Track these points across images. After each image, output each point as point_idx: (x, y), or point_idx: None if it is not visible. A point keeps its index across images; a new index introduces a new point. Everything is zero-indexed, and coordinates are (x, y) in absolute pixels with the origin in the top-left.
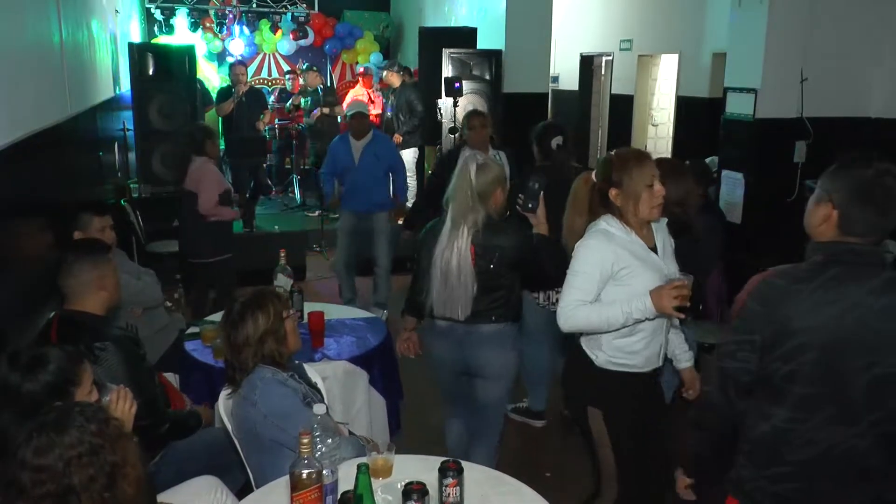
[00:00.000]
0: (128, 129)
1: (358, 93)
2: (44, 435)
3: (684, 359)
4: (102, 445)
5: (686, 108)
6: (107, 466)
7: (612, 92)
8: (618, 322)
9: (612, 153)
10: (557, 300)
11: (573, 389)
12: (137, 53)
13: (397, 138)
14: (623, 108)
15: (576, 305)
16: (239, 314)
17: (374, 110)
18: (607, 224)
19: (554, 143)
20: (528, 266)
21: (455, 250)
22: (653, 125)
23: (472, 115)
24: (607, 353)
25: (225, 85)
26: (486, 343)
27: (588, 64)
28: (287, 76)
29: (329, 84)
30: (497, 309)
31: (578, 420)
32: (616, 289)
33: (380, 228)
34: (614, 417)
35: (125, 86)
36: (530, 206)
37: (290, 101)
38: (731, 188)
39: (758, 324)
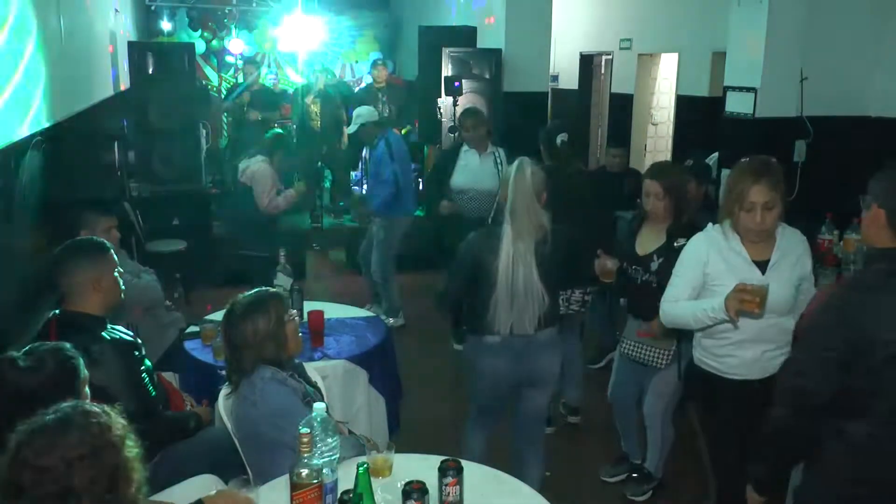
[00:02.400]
0: (127, 128)
1: None
2: (46, 435)
3: None
4: (104, 447)
5: (686, 106)
6: (108, 468)
7: (612, 91)
8: (703, 317)
9: (744, 160)
10: (573, 301)
11: (685, 385)
12: (137, 52)
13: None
14: (623, 107)
15: (673, 300)
16: (239, 316)
17: None
18: (712, 227)
19: (559, 139)
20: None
21: (522, 266)
22: (653, 124)
23: (464, 115)
24: (699, 353)
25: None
26: (543, 350)
27: (588, 63)
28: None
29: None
30: (549, 315)
31: (687, 412)
32: (707, 294)
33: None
34: (706, 417)
35: (125, 84)
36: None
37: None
38: None
39: (835, 339)
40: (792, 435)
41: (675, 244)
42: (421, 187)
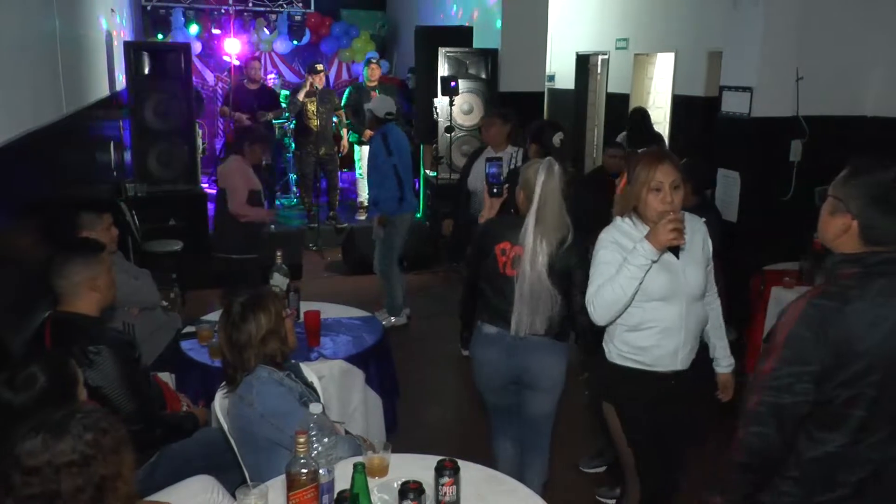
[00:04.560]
0: (123, 129)
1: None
2: (40, 437)
3: (723, 363)
4: (95, 457)
5: (682, 106)
6: (96, 478)
7: (609, 91)
8: (632, 275)
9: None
10: None
11: (592, 382)
12: (133, 52)
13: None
14: (619, 107)
15: (598, 289)
16: (240, 315)
17: None
18: (622, 220)
19: (556, 139)
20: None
21: (538, 265)
22: None
23: (484, 118)
24: (617, 347)
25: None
26: (537, 350)
27: (584, 63)
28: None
29: (326, 84)
30: (560, 318)
31: (598, 414)
32: None
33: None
34: (626, 413)
35: (121, 84)
36: (495, 191)
37: (289, 98)
38: (727, 187)
39: (813, 352)
40: (770, 451)
41: None
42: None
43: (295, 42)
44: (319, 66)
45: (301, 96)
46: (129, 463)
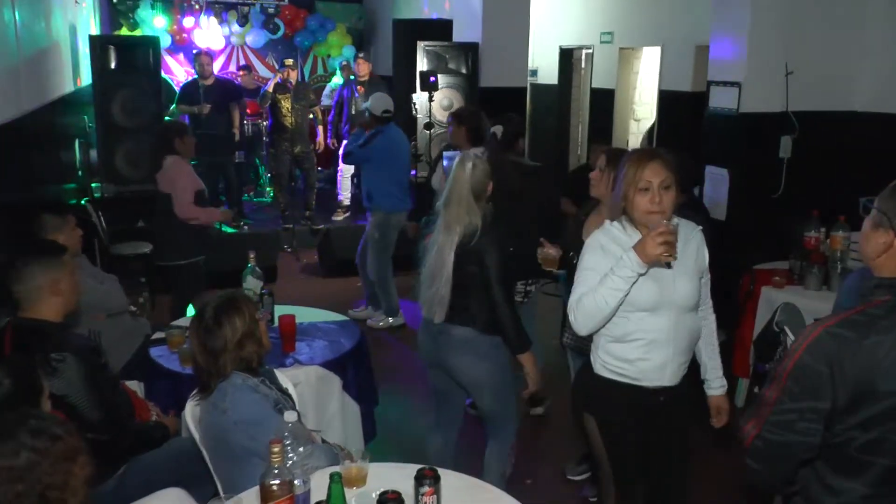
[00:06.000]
0: (89, 126)
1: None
2: None
3: (715, 385)
4: (40, 463)
5: (669, 102)
6: (39, 486)
7: (593, 86)
8: (617, 287)
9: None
10: (527, 293)
11: (575, 393)
12: (99, 46)
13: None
14: (604, 103)
15: (580, 298)
16: (214, 319)
17: None
18: (610, 224)
19: (497, 130)
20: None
21: (442, 254)
22: (635, 120)
23: (451, 115)
24: (602, 358)
25: (190, 80)
26: (457, 348)
27: (568, 57)
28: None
29: (301, 79)
30: (465, 313)
31: (579, 425)
32: None
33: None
34: (608, 428)
35: (86, 80)
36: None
37: (262, 93)
38: (715, 184)
39: (825, 388)
40: (769, 489)
41: None
42: None
43: (269, 35)
44: (289, 61)
45: (270, 87)
46: (83, 475)
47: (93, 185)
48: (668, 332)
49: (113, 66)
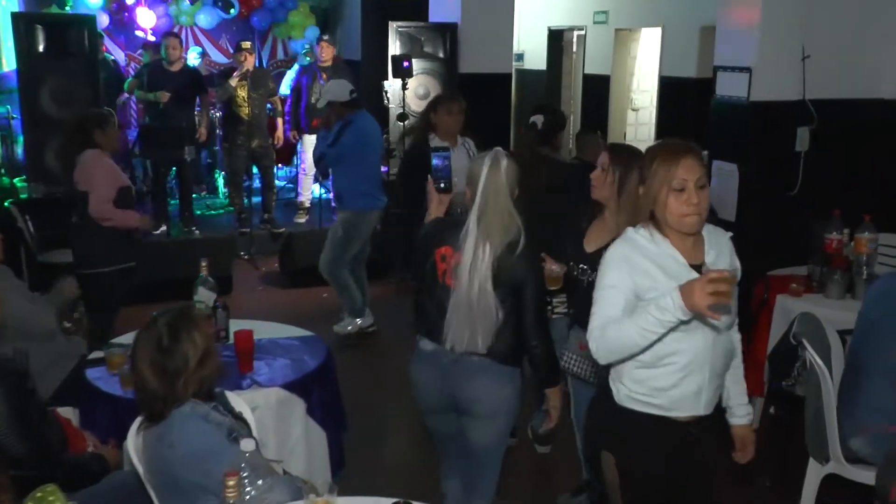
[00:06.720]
0: (13, 117)
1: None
2: None
3: (739, 413)
4: None
5: (671, 89)
6: None
7: (586, 72)
8: (651, 328)
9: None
10: (555, 304)
11: (590, 428)
12: (24, 25)
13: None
14: (598, 91)
15: (604, 326)
16: (171, 336)
17: None
18: (634, 231)
19: (532, 119)
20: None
21: (480, 273)
22: (633, 109)
23: (450, 99)
24: (628, 387)
25: (154, 61)
26: (475, 373)
27: (557, 39)
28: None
29: (259, 64)
30: (502, 337)
31: (592, 463)
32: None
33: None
34: (629, 467)
35: (9, 64)
36: (442, 185)
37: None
38: (724, 181)
39: None
40: None
41: None
42: None
43: (222, 14)
44: (245, 44)
45: (234, 82)
46: None
47: (18, 184)
48: (705, 353)
49: (41, 48)
